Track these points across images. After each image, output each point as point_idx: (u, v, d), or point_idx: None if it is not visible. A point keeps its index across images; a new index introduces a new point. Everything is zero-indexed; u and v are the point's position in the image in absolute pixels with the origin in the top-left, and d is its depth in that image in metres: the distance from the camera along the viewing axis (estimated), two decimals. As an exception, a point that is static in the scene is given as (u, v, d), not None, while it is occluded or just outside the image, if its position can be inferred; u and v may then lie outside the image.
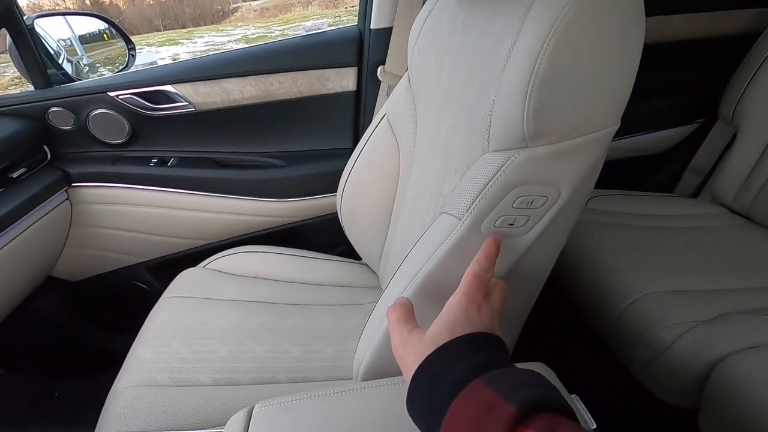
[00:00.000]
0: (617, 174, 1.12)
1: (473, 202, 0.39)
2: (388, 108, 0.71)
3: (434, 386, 0.31)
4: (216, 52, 1.00)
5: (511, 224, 0.40)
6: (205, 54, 0.99)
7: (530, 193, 0.38)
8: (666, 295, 0.74)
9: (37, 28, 0.94)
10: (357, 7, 0.98)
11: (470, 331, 0.34)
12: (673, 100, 1.12)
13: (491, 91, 0.40)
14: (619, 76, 0.36)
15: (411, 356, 0.34)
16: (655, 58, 1.10)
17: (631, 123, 1.12)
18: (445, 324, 0.34)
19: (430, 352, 0.33)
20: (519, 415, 0.26)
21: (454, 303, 0.36)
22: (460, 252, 0.41)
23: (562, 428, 0.25)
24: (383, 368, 0.48)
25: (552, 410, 0.27)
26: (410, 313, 0.38)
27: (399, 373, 0.47)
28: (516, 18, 0.38)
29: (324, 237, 1.05)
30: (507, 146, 0.38)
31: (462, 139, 0.47)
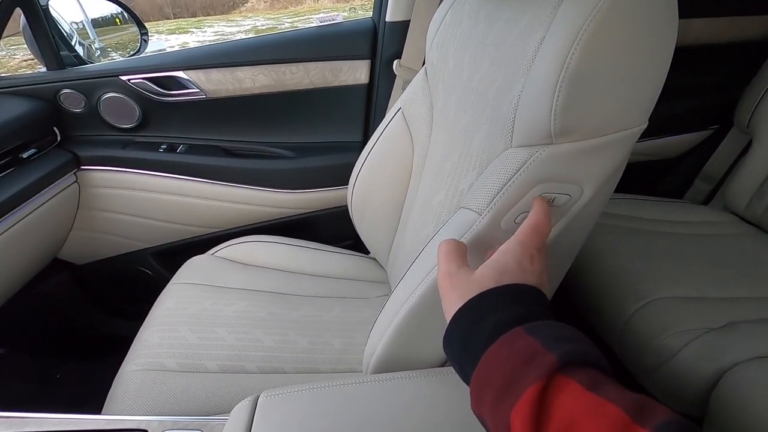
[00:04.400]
0: (627, 177, 1.11)
1: (494, 198, 0.39)
2: (404, 102, 0.70)
3: (474, 327, 0.31)
4: (226, 41, 1.00)
5: None
6: (214, 44, 0.99)
7: (553, 191, 0.38)
8: (675, 301, 0.74)
9: (51, 10, 0.94)
10: (367, 1, 0.97)
11: (519, 281, 0.32)
12: (687, 106, 1.11)
13: (516, 86, 0.39)
14: (650, 75, 0.35)
15: (455, 292, 0.34)
16: (673, 62, 1.09)
17: (644, 127, 1.11)
18: (494, 269, 0.33)
19: (474, 294, 0.32)
20: (559, 364, 0.25)
21: (506, 250, 0.35)
22: (478, 248, 0.40)
23: (607, 385, 0.25)
24: (394, 362, 0.48)
25: (593, 367, 0.27)
26: (462, 251, 0.37)
27: (408, 368, 0.47)
28: (545, 12, 0.37)
29: (330, 229, 1.05)
30: (531, 142, 0.38)
31: (482, 134, 0.46)
